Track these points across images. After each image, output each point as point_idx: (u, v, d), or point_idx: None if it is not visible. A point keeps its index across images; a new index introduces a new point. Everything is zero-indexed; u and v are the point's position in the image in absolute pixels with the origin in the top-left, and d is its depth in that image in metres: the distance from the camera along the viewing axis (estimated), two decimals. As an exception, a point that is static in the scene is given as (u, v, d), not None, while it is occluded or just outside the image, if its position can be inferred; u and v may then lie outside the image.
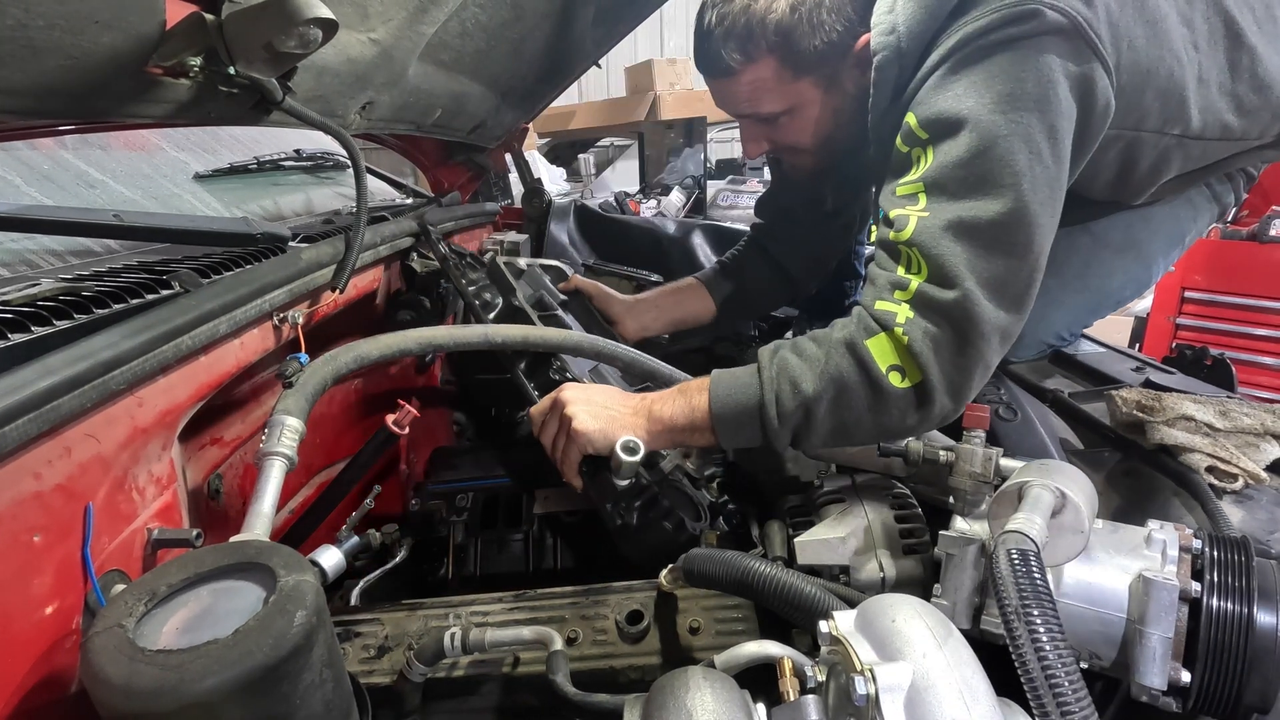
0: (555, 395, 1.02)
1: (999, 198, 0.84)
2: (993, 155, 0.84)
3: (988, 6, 0.87)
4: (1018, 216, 0.84)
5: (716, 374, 0.96)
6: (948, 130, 0.87)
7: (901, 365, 0.86)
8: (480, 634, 0.83)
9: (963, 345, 0.85)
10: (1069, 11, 0.85)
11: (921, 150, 0.91)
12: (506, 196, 2.27)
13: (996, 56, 0.86)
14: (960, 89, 0.87)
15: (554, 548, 1.16)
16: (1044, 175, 0.85)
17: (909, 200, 0.90)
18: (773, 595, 0.76)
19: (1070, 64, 0.87)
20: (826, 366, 0.88)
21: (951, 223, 0.86)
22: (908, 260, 0.89)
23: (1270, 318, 3.08)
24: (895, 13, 0.96)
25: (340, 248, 1.10)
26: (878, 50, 0.98)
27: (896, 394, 0.86)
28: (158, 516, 0.74)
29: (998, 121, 0.84)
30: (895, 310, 0.87)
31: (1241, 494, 0.91)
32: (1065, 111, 0.87)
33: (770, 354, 0.94)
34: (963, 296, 0.83)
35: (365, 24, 0.99)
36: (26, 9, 0.56)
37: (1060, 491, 0.66)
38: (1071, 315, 1.36)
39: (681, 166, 5.73)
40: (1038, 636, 0.52)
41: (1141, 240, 1.31)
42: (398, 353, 1.02)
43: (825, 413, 0.89)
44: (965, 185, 0.86)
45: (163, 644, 0.50)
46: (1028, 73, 0.85)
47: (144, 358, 0.70)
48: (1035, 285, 0.89)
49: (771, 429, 0.90)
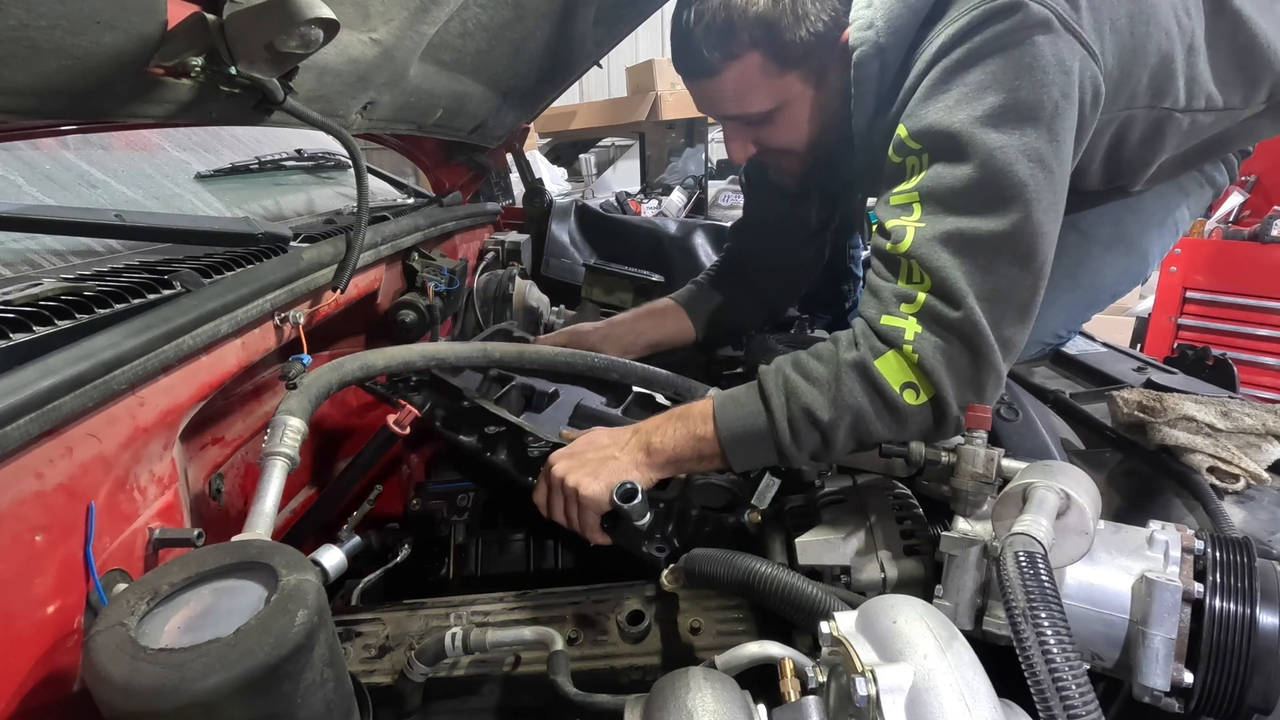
0: (546, 473, 0.98)
1: (1000, 214, 0.82)
2: (990, 171, 0.82)
3: (968, 4, 0.85)
4: (1020, 231, 0.82)
5: (719, 401, 0.94)
6: (942, 144, 0.85)
7: (915, 382, 0.84)
8: (481, 634, 0.83)
9: (974, 357, 0.83)
10: (1050, 3, 0.82)
11: (916, 159, 0.88)
12: (507, 196, 2.27)
13: (986, 62, 0.83)
14: (951, 100, 0.84)
15: (554, 548, 1.16)
16: (1046, 184, 0.83)
17: (904, 210, 0.88)
18: (774, 596, 0.75)
19: (1060, 60, 0.83)
20: (839, 393, 0.86)
21: (950, 235, 0.83)
22: (909, 272, 0.87)
23: (1272, 318, 3.07)
24: (873, 7, 0.93)
25: (341, 247, 1.10)
26: (856, 45, 0.95)
27: (913, 411, 0.85)
28: (159, 516, 0.74)
29: (993, 137, 0.82)
30: (903, 325, 0.85)
31: (1243, 494, 0.91)
32: (1062, 113, 0.84)
33: (774, 376, 0.91)
34: (969, 312, 0.82)
35: (366, 24, 0.99)
36: (28, 9, 0.56)
37: (1065, 493, 0.66)
38: (1066, 313, 1.34)
39: (683, 166, 5.73)
40: (1045, 640, 0.52)
41: (1131, 232, 1.29)
42: (402, 366, 1.03)
43: (843, 436, 0.87)
44: (963, 200, 0.84)
45: (164, 643, 0.50)
46: (1020, 79, 0.82)
47: (145, 357, 0.70)
48: (1039, 294, 0.87)
49: (790, 454, 0.89)
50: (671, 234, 2.15)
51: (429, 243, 1.55)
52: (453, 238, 1.77)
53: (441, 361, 1.09)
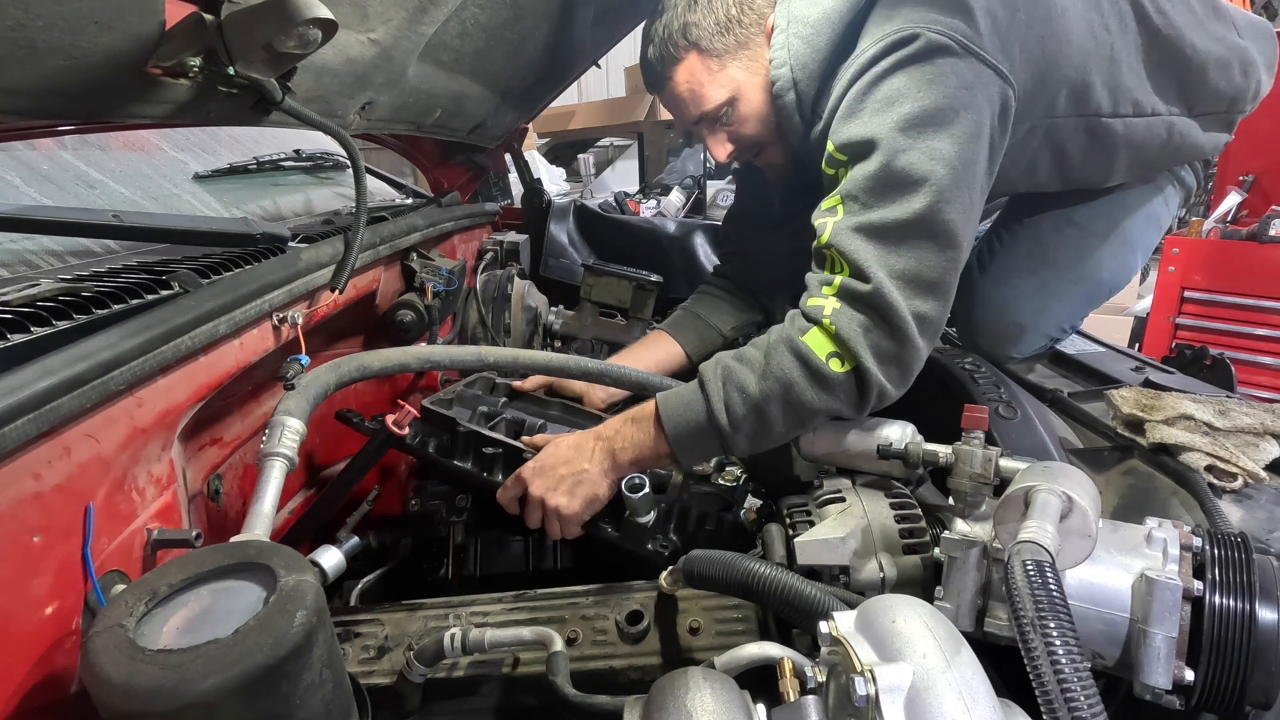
0: (518, 482, 1.04)
1: (905, 203, 0.92)
2: (895, 168, 0.92)
3: (872, 38, 0.98)
4: (924, 218, 0.91)
5: (663, 397, 1.00)
6: (859, 151, 0.96)
7: (838, 352, 0.93)
8: (480, 634, 0.83)
9: (890, 329, 0.91)
10: (946, 32, 0.93)
11: (844, 168, 0.99)
12: (506, 196, 2.27)
13: (892, 79, 0.95)
14: (865, 115, 0.96)
15: (554, 548, 1.16)
16: (949, 179, 0.92)
17: (829, 212, 0.99)
18: (773, 596, 0.75)
19: (961, 77, 0.94)
20: (769, 366, 0.94)
21: (861, 225, 0.94)
22: (831, 262, 0.97)
23: (1269, 317, 3.07)
24: (786, 49, 1.09)
25: (339, 248, 1.10)
26: (774, 80, 1.12)
27: (839, 379, 0.92)
28: (157, 517, 0.74)
29: (899, 139, 0.92)
30: (823, 304, 0.95)
31: (1240, 493, 0.91)
32: (964, 122, 0.93)
33: (713, 366, 0.99)
34: (877, 286, 0.90)
35: (365, 24, 0.99)
36: (26, 9, 0.56)
37: (1067, 496, 0.66)
38: (1070, 307, 1.39)
39: (681, 166, 5.72)
40: (1054, 649, 0.52)
41: (1124, 225, 1.35)
42: (398, 368, 1.05)
43: (777, 410, 0.94)
44: (874, 194, 0.94)
45: (163, 644, 0.50)
46: (923, 91, 0.93)
47: (143, 358, 0.70)
48: (953, 275, 0.95)
49: (727, 436, 0.95)
50: (670, 234, 2.16)
51: (427, 243, 1.55)
52: (451, 238, 1.77)
53: (437, 364, 1.09)
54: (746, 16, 1.13)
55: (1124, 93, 1.15)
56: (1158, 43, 1.16)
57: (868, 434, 0.96)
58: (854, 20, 1.02)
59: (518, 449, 1.10)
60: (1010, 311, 1.36)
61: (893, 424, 0.97)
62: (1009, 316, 1.36)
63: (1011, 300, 1.35)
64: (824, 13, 1.04)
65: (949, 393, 1.23)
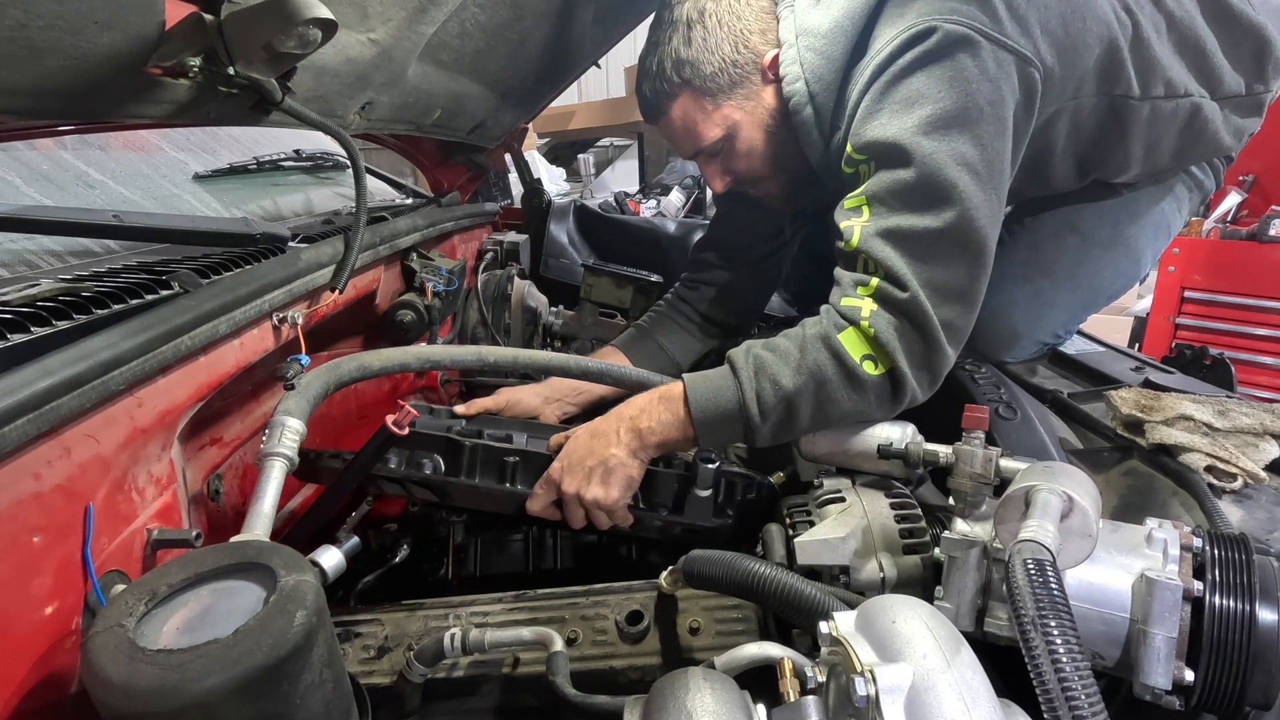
0: (549, 486, 1.00)
1: (935, 213, 0.91)
2: (924, 174, 0.91)
3: (887, 36, 0.96)
4: (953, 227, 0.91)
5: (690, 380, 0.99)
6: (883, 153, 0.95)
7: (873, 354, 0.93)
8: (480, 634, 0.83)
9: (922, 335, 0.92)
10: (964, 21, 0.91)
11: (865, 166, 0.98)
12: (506, 196, 2.27)
13: (911, 79, 0.93)
14: (885, 116, 0.95)
15: (554, 548, 1.16)
16: (974, 185, 0.91)
17: (854, 213, 0.98)
18: (773, 596, 0.75)
19: (984, 69, 0.92)
20: (804, 361, 0.94)
21: (890, 230, 0.93)
22: (863, 264, 0.96)
23: (1270, 317, 3.07)
24: (798, 63, 1.08)
25: (339, 248, 1.10)
26: (789, 96, 1.10)
27: (873, 381, 0.93)
28: (157, 517, 0.74)
29: (925, 144, 0.91)
30: (860, 305, 0.94)
31: (1240, 493, 0.91)
32: (988, 118, 0.92)
33: (744, 354, 0.98)
34: (915, 294, 0.91)
35: (365, 24, 0.99)
36: (26, 9, 0.56)
37: (1068, 496, 0.66)
38: (1066, 314, 1.37)
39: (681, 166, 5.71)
40: (1055, 649, 0.52)
41: (1129, 234, 1.33)
42: (398, 367, 1.05)
43: (807, 405, 0.94)
44: (901, 199, 0.93)
45: (163, 644, 0.50)
46: (944, 91, 0.91)
47: (143, 358, 0.70)
48: (980, 282, 0.96)
49: (755, 426, 0.95)
50: (670, 234, 2.15)
51: (427, 243, 1.55)
52: (451, 238, 1.77)
53: (437, 364, 1.09)
54: (742, 55, 1.11)
55: (1155, 72, 1.12)
56: (1175, 23, 1.13)
57: (868, 434, 0.96)
58: (866, 24, 1.01)
59: (539, 453, 1.05)
60: (1004, 318, 1.32)
61: (893, 424, 0.97)
62: (1002, 323, 1.33)
63: (1005, 307, 1.31)
64: (836, 20, 1.03)
65: (949, 393, 1.23)
